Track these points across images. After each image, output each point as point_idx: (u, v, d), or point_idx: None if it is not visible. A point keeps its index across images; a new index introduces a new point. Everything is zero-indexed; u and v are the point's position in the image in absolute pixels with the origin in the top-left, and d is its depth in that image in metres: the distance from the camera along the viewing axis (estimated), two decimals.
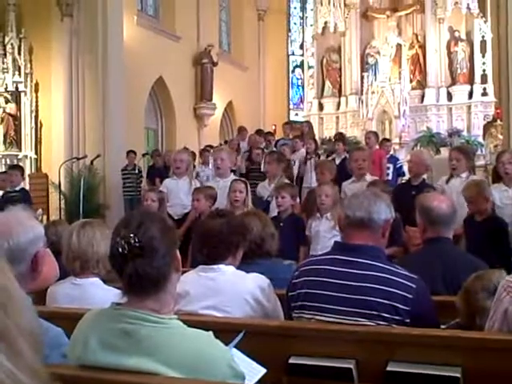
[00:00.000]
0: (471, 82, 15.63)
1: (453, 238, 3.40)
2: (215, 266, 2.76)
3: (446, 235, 3.27)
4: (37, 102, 11.94)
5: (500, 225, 5.21)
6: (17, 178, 8.33)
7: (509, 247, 5.14)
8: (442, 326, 2.60)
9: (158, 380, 1.67)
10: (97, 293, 2.89)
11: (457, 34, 15.84)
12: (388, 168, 9.55)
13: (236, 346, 2.06)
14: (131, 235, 1.70)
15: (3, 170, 10.46)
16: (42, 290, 2.53)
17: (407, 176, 9.65)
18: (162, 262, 1.75)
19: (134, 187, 11.46)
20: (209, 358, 1.71)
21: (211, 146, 11.57)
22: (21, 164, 10.96)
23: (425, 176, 6.56)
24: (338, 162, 9.03)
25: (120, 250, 1.70)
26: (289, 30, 21.21)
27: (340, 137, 11.26)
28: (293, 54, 21.18)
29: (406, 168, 9.86)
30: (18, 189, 8.25)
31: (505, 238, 5.14)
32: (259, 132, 12.90)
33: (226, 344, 1.86)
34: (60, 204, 9.89)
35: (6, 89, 11.62)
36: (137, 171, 11.77)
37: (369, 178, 6.54)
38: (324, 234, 5.53)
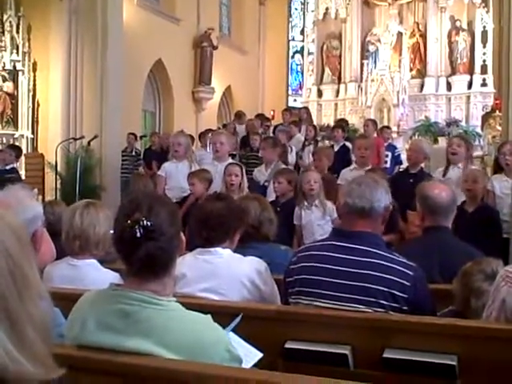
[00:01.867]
0: (471, 72, 15.59)
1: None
2: (212, 249, 2.76)
3: (445, 224, 3.28)
4: (34, 81, 11.87)
5: (491, 213, 5.23)
6: (10, 158, 8.27)
7: (501, 236, 5.16)
8: (437, 314, 2.61)
9: (156, 361, 1.66)
10: (93, 274, 2.88)
11: (458, 23, 15.77)
12: (386, 156, 9.52)
13: (233, 330, 2.06)
14: (143, 218, 1.70)
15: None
16: (39, 269, 2.52)
17: (405, 164, 9.67)
18: (172, 244, 1.77)
19: (130, 169, 11.43)
20: (207, 342, 1.71)
21: (211, 130, 11.52)
22: (17, 143, 10.93)
23: (422, 165, 6.55)
24: (336, 148, 9.01)
25: (132, 233, 1.69)
26: (290, 16, 21.07)
27: (340, 123, 11.21)
28: (293, 39, 21.07)
29: (404, 156, 9.88)
30: (8, 168, 8.19)
31: (497, 226, 5.16)
32: (260, 116, 12.84)
33: (223, 327, 1.86)
34: (56, 184, 9.86)
35: (3, 67, 11.54)
36: (134, 153, 11.75)
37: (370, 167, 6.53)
38: (317, 221, 5.49)
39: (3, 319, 0.94)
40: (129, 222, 1.70)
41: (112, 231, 1.85)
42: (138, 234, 1.68)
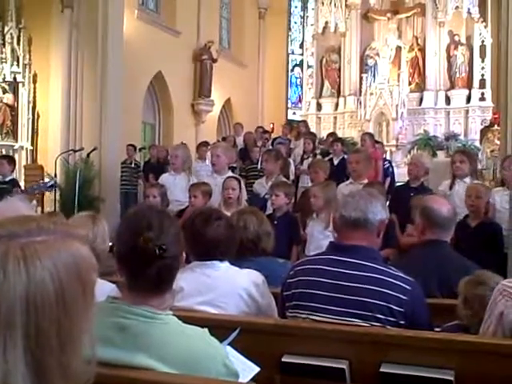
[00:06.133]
0: (469, 86, 15.66)
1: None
2: (209, 262, 2.75)
3: (444, 238, 3.28)
4: (34, 92, 11.89)
5: (494, 228, 5.23)
6: (3, 168, 8.15)
7: (502, 251, 5.15)
8: (436, 329, 2.60)
9: (151, 375, 1.66)
10: None
11: (457, 38, 15.86)
12: None
13: (230, 344, 2.06)
14: (156, 238, 1.71)
15: None
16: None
17: (396, 178, 9.71)
18: (177, 262, 1.80)
19: (129, 181, 11.44)
20: (203, 356, 1.70)
21: (207, 143, 11.55)
22: (16, 155, 10.93)
23: (423, 179, 6.58)
24: (336, 162, 9.03)
25: (145, 252, 1.70)
26: (289, 29, 21.16)
27: (335, 137, 11.26)
28: (292, 53, 21.15)
29: (396, 170, 9.94)
30: (7, 179, 8.12)
31: (500, 242, 5.16)
32: (258, 129, 12.90)
33: (221, 341, 1.86)
34: (55, 196, 9.85)
35: (3, 79, 11.55)
36: (133, 165, 11.76)
37: (366, 180, 6.55)
38: (317, 234, 5.57)
39: (33, 369, 0.85)
40: (141, 239, 1.71)
41: (112, 245, 1.84)
42: (151, 254, 1.69)
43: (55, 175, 9.69)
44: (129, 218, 1.85)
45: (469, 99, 15.64)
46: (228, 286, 2.70)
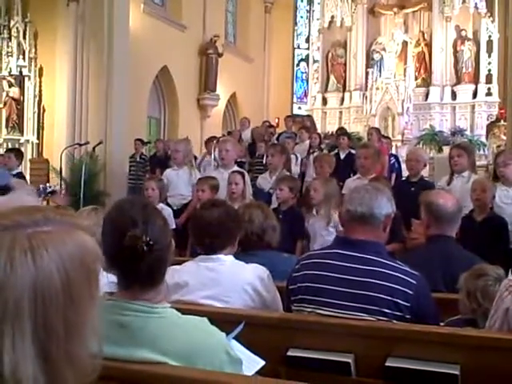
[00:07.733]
0: (476, 81, 15.61)
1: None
2: (214, 256, 2.75)
3: (449, 233, 3.27)
4: (40, 86, 11.93)
5: (501, 223, 5.21)
6: (10, 161, 8.18)
7: (508, 245, 5.14)
8: (442, 324, 2.60)
9: (156, 368, 1.65)
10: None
11: (463, 33, 15.80)
12: None
13: (235, 337, 2.06)
14: (142, 234, 1.68)
15: None
16: None
17: (403, 173, 9.69)
18: (168, 253, 1.77)
19: (136, 176, 11.44)
20: (204, 346, 1.69)
21: (215, 137, 11.55)
22: (22, 148, 10.96)
23: (422, 172, 6.58)
24: (342, 156, 9.00)
25: (133, 250, 1.67)
26: (295, 24, 21.12)
27: (344, 131, 11.22)
28: (298, 47, 21.11)
29: (402, 165, 9.91)
30: (14, 173, 8.15)
31: (505, 235, 5.14)
32: (265, 123, 12.88)
33: (226, 334, 1.86)
34: (60, 190, 9.89)
35: (9, 73, 11.60)
36: (140, 160, 11.75)
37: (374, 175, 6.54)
38: (320, 231, 5.50)
39: (41, 358, 0.86)
40: (127, 238, 1.68)
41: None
42: (140, 251, 1.67)
43: (60, 169, 9.72)
44: (111, 216, 1.80)
45: (475, 94, 15.59)
46: (233, 280, 2.70)
